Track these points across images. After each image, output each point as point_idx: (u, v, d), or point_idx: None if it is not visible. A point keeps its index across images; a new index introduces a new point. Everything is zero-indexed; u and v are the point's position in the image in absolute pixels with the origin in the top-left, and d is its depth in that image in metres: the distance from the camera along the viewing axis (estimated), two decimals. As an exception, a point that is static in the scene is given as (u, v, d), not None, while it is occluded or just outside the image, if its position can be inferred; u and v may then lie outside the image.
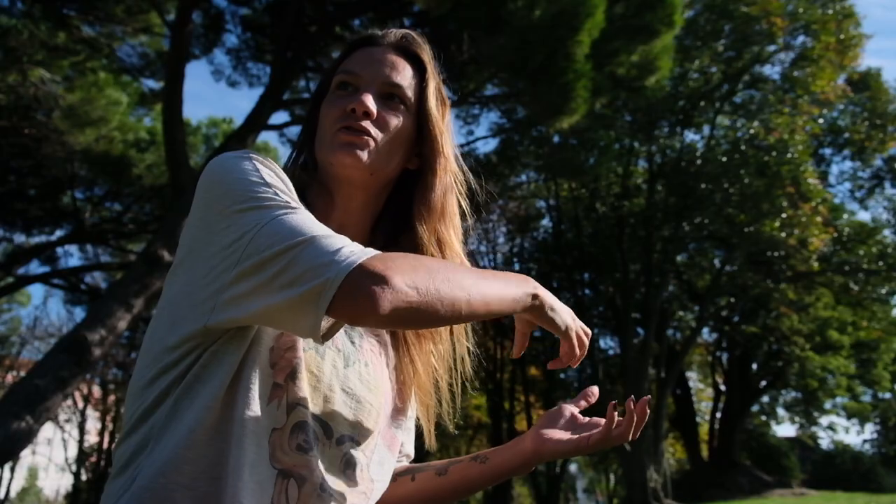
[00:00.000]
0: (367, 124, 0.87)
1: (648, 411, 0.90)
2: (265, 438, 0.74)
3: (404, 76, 0.91)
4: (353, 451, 0.83)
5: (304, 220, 0.73)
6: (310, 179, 0.94)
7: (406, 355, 0.94)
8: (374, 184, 0.91)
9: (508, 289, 0.79)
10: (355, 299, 0.66)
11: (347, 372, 0.83)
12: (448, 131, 0.96)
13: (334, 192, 0.91)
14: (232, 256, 0.72)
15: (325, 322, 0.69)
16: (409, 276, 0.69)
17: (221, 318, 0.72)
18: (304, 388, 0.77)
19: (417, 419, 1.02)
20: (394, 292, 0.67)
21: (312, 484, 0.76)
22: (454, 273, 0.73)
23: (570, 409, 0.98)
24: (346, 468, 0.82)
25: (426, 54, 0.95)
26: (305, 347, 0.79)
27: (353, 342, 0.86)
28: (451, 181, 0.95)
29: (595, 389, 0.99)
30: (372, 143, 0.87)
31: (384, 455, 0.90)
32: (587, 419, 0.95)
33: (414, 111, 0.92)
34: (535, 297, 0.83)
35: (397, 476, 0.99)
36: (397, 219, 0.97)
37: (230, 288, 0.71)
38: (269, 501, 0.73)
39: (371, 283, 0.66)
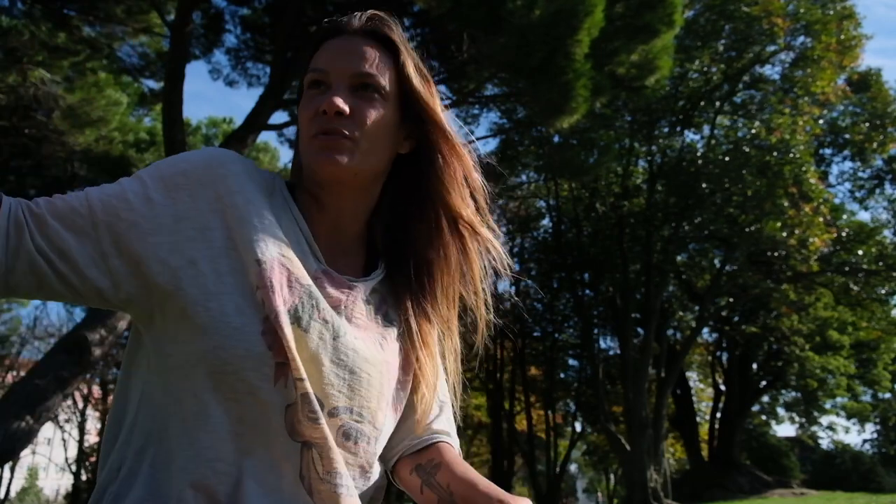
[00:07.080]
0: (341, 124, 0.83)
1: None
2: (279, 416, 0.76)
3: (375, 64, 0.86)
4: (353, 423, 0.83)
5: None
6: (299, 181, 0.93)
7: (410, 341, 0.93)
8: (361, 181, 0.88)
9: None
10: None
11: (337, 343, 0.82)
12: (439, 105, 0.92)
13: (322, 193, 0.89)
14: None
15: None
16: None
17: None
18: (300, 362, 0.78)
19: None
20: None
21: (332, 450, 0.78)
22: None
23: None
24: (345, 440, 0.82)
25: (396, 34, 0.89)
26: (290, 322, 0.78)
27: (343, 314, 0.85)
28: (460, 154, 0.91)
29: None
30: (349, 143, 0.83)
31: (391, 428, 0.91)
32: None
33: (394, 96, 0.88)
34: None
35: (411, 467, 0.93)
36: (396, 204, 0.95)
37: None
38: (298, 474, 0.77)
39: None
